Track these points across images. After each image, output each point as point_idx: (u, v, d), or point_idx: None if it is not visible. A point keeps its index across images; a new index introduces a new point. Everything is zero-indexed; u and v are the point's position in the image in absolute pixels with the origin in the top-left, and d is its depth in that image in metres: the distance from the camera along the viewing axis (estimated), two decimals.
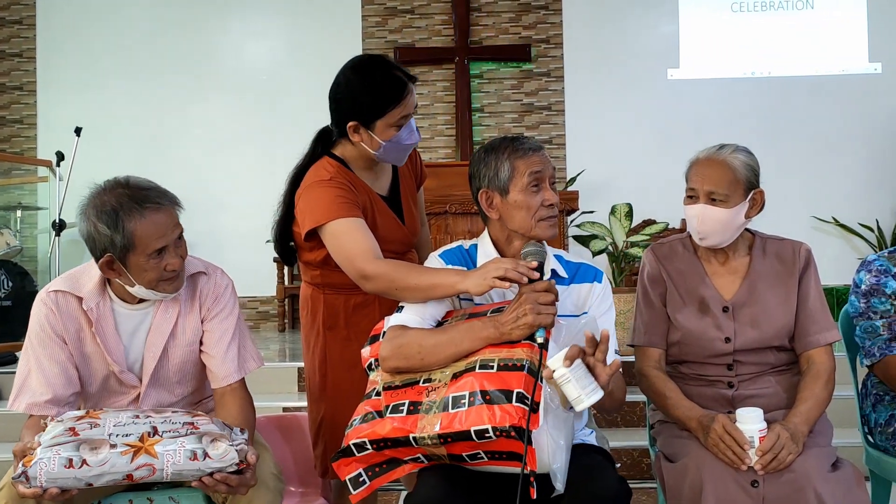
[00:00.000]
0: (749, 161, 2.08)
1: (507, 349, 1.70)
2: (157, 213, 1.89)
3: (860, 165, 7.11)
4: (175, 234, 1.92)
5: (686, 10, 7.25)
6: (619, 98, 7.21)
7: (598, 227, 4.80)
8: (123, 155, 7.12)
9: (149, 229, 1.86)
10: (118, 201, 1.86)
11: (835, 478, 1.81)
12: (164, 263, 1.89)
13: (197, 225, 7.57)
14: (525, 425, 1.57)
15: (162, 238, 1.88)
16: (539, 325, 1.68)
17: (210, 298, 2.08)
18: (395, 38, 7.29)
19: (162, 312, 2.02)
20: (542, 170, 1.89)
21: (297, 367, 4.48)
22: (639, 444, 3.65)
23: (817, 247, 2.41)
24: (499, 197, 1.91)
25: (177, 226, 1.94)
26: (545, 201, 1.88)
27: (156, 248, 1.87)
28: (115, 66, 7.24)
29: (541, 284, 1.73)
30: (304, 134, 2.42)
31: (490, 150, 1.94)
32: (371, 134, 2.12)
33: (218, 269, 2.14)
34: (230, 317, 2.09)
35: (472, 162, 1.98)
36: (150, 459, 1.69)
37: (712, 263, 2.16)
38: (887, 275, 2.24)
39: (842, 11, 7.18)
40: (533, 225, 1.89)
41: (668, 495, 1.92)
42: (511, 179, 1.88)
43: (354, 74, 2.17)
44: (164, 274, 1.91)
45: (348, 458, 1.74)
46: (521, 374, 1.64)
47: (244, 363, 2.09)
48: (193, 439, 1.73)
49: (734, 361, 2.08)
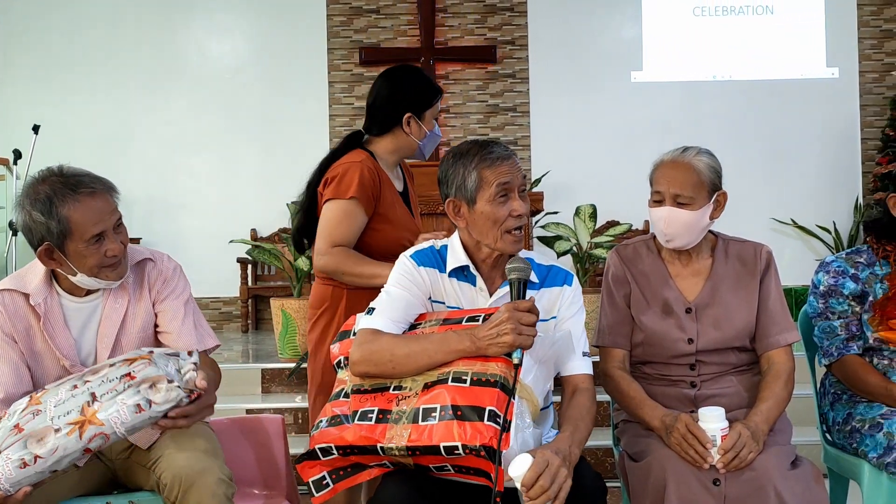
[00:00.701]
0: (712, 163, 2.10)
1: (480, 362, 1.68)
2: (91, 198, 1.88)
3: (818, 168, 7.25)
4: (113, 219, 1.91)
5: (649, 13, 7.33)
6: (584, 100, 7.26)
7: (562, 228, 4.82)
8: (83, 153, 6.96)
9: (84, 214, 1.86)
10: (52, 189, 1.86)
11: (794, 475, 1.84)
12: (103, 249, 1.89)
13: (158, 225, 7.55)
14: (496, 445, 1.55)
15: (99, 223, 1.87)
16: (518, 346, 1.66)
17: (159, 282, 2.08)
18: (360, 37, 7.26)
19: (111, 302, 2.01)
20: (511, 180, 1.85)
21: (260, 368, 4.44)
22: (603, 443, 3.68)
23: (776, 248, 2.44)
24: (466, 206, 1.88)
25: (114, 211, 1.93)
26: (513, 212, 1.85)
27: (93, 234, 1.87)
28: (74, 62, 7.12)
29: (523, 304, 1.71)
30: (269, 133, 2.47)
31: (458, 157, 1.89)
32: (420, 124, 2.44)
33: (164, 254, 2.14)
34: (182, 295, 2.10)
35: (441, 165, 1.94)
36: (98, 429, 1.69)
37: (676, 265, 2.18)
38: (845, 276, 2.28)
39: (801, 17, 7.32)
40: (498, 237, 1.86)
41: (632, 494, 1.94)
42: (478, 190, 1.85)
43: (404, 75, 2.48)
44: (104, 260, 1.90)
45: (313, 461, 1.72)
46: (493, 390, 1.62)
47: (202, 338, 2.10)
48: (132, 393, 1.72)
49: (697, 362, 2.10)
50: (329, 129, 7.22)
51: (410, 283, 1.90)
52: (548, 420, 1.95)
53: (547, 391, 1.87)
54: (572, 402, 1.84)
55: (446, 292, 1.92)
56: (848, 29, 7.29)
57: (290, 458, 2.36)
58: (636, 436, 2.06)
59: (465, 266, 1.91)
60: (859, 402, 2.25)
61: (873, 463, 2.10)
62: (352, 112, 7.24)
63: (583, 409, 1.82)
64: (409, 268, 1.93)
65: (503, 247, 1.87)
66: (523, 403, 1.71)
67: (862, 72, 7.29)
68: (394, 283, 1.91)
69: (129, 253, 2.03)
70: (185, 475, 1.84)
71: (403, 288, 1.89)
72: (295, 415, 4.03)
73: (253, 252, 4.97)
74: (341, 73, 7.26)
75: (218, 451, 1.99)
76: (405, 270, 1.93)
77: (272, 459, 2.34)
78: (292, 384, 4.37)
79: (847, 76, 7.29)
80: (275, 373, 4.43)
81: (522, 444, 1.66)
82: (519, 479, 1.57)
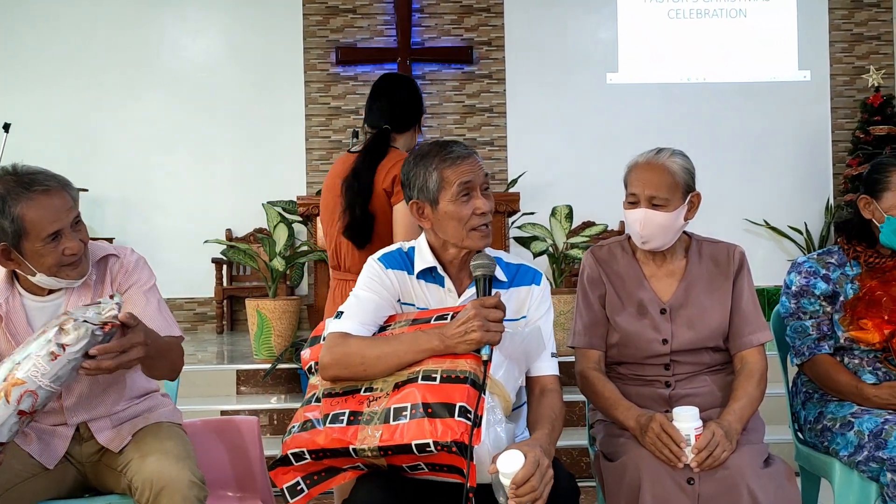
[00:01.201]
0: (686, 164, 2.12)
1: (450, 360, 1.68)
2: (46, 196, 1.84)
3: (790, 170, 7.34)
4: (70, 216, 1.87)
5: (625, 15, 7.38)
6: (560, 101, 7.29)
7: (538, 229, 4.84)
8: (55, 152, 6.91)
9: (39, 212, 1.82)
10: (5, 188, 1.82)
11: (767, 474, 1.86)
12: (61, 247, 1.85)
13: (132, 225, 7.47)
14: (467, 441, 1.55)
15: (55, 222, 1.83)
16: (486, 342, 1.67)
17: (121, 274, 2.04)
18: (336, 37, 7.23)
19: (74, 300, 1.97)
20: (472, 178, 1.85)
21: (235, 369, 4.42)
22: (578, 443, 3.70)
23: (749, 248, 2.47)
24: (429, 207, 1.88)
25: (71, 209, 1.88)
26: (476, 210, 1.85)
27: (49, 232, 1.83)
28: (46, 60, 7.02)
29: (489, 300, 1.71)
30: (244, 133, 2.44)
31: (419, 159, 1.90)
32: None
33: (127, 248, 2.11)
34: (147, 284, 2.05)
35: (402, 168, 1.95)
36: (22, 388, 1.66)
37: (650, 266, 2.19)
38: (816, 276, 2.31)
39: (773, 21, 7.41)
40: (465, 235, 1.86)
41: (607, 493, 1.95)
42: (440, 190, 1.85)
43: (411, 84, 2.71)
44: (63, 259, 1.86)
45: (286, 467, 1.71)
46: (464, 386, 1.62)
47: (169, 325, 2.04)
48: (42, 342, 1.68)
49: (671, 361, 2.12)
50: (305, 129, 7.18)
51: (379, 286, 1.89)
52: (522, 417, 1.96)
53: (519, 387, 1.88)
54: (543, 401, 1.85)
55: (415, 294, 1.92)
56: (819, 32, 7.39)
57: (264, 460, 2.35)
58: (611, 436, 2.07)
59: (433, 267, 1.91)
60: (830, 402, 2.28)
61: (844, 461, 2.12)
62: (328, 112, 7.22)
63: (557, 410, 1.84)
64: (377, 271, 1.92)
65: (471, 244, 1.87)
66: (495, 399, 1.71)
67: (833, 75, 7.39)
68: (362, 287, 1.91)
69: (92, 250, 1.99)
70: (156, 479, 1.82)
71: (372, 291, 1.89)
72: (270, 416, 4.01)
73: (228, 252, 4.94)
74: (317, 72, 7.23)
75: (190, 454, 1.96)
76: (373, 274, 1.92)
77: (247, 461, 2.33)
78: (267, 385, 4.35)
79: (818, 79, 7.39)
80: (250, 374, 4.40)
81: (494, 439, 1.66)
82: (509, 476, 1.57)
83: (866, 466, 2.04)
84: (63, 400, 1.98)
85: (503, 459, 1.58)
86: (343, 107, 7.23)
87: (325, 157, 7.18)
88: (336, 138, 7.20)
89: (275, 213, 4.79)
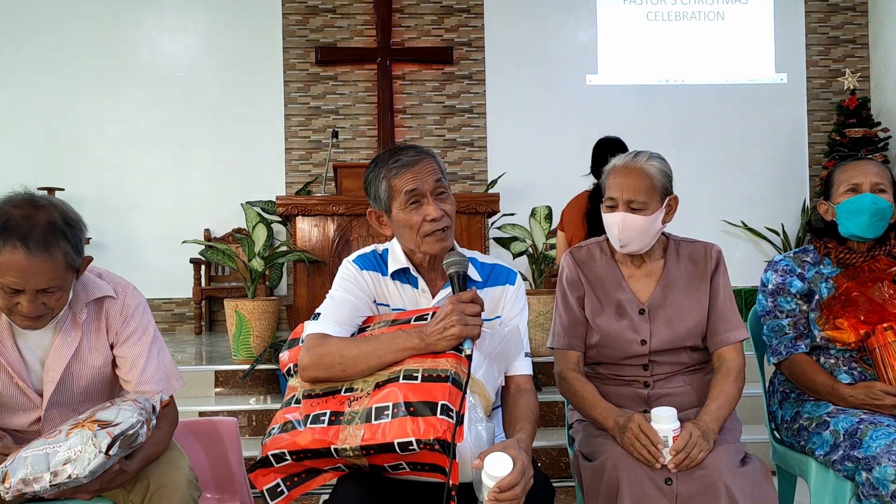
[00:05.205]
0: (664, 168, 2.13)
1: (431, 359, 1.68)
2: (12, 254, 1.67)
3: (767, 171, 7.41)
4: (37, 284, 1.70)
5: (604, 17, 7.42)
6: (540, 102, 7.32)
7: (518, 230, 4.86)
8: (30, 152, 6.85)
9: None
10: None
11: (743, 473, 1.87)
12: (15, 301, 1.74)
13: (109, 225, 7.40)
14: (450, 438, 1.55)
15: (18, 282, 1.68)
16: (466, 336, 1.67)
17: (118, 321, 1.96)
18: (316, 37, 7.21)
19: (62, 337, 1.91)
20: (418, 186, 1.84)
21: (213, 370, 4.39)
22: (557, 443, 3.71)
23: (727, 249, 2.48)
24: (385, 215, 1.90)
25: (51, 280, 1.71)
26: (427, 216, 1.84)
27: (10, 287, 1.69)
28: (20, 57, 6.94)
29: (466, 295, 1.71)
30: (223, 133, 2.40)
31: (373, 168, 1.91)
32: None
33: (129, 287, 2.01)
34: (144, 337, 1.98)
35: (364, 176, 1.95)
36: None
37: (629, 267, 2.21)
38: (792, 274, 2.33)
39: (750, 24, 7.48)
40: (420, 241, 1.86)
41: (586, 493, 1.96)
42: (391, 199, 1.87)
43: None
44: (14, 308, 1.75)
45: (266, 469, 1.70)
46: (445, 385, 1.62)
47: (169, 381, 2.00)
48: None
49: (650, 362, 2.13)
50: (284, 129, 7.15)
51: (354, 287, 1.90)
52: (499, 417, 1.96)
53: (498, 387, 1.88)
54: (520, 401, 1.86)
55: (390, 295, 1.92)
56: (796, 35, 7.47)
57: (243, 462, 2.34)
58: (590, 436, 2.08)
59: (406, 268, 1.92)
60: (807, 401, 2.30)
61: (820, 460, 2.15)
62: (307, 112, 7.19)
63: (534, 410, 1.85)
64: (352, 272, 1.92)
65: (427, 249, 1.87)
66: (475, 398, 1.72)
67: (809, 77, 7.48)
68: (338, 288, 1.90)
69: (90, 289, 1.91)
70: (153, 478, 1.82)
71: (348, 291, 1.89)
72: (249, 417, 3.98)
73: (206, 252, 4.90)
74: (297, 72, 7.20)
75: (183, 454, 1.98)
76: (348, 275, 1.92)
77: (226, 463, 2.32)
78: (246, 386, 4.33)
79: (795, 81, 7.47)
80: (228, 375, 4.38)
81: (476, 437, 1.67)
82: (495, 479, 1.57)
83: (842, 465, 2.06)
84: (42, 423, 1.95)
85: (491, 461, 1.58)
86: (322, 106, 7.21)
87: (305, 157, 7.16)
88: (315, 138, 7.18)
89: (254, 213, 4.77)
